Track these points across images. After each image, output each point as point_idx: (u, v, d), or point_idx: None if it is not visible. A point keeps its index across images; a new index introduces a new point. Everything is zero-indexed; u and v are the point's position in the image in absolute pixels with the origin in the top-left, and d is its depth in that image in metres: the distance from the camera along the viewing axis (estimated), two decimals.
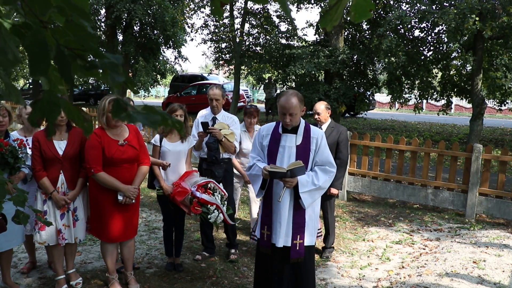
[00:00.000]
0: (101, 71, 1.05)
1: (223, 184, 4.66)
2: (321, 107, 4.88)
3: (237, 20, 19.82)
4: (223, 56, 20.40)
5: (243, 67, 19.21)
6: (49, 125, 1.10)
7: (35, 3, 0.97)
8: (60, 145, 3.75)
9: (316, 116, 4.85)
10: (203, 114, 6.43)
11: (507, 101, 14.36)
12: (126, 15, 17.03)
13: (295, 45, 15.97)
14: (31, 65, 0.96)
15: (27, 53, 0.96)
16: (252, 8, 19.20)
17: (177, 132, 4.34)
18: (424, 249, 5.17)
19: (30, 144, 3.81)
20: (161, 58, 21.13)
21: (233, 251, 4.84)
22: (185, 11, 20.80)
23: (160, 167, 4.26)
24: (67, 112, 1.07)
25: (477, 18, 10.21)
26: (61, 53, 0.97)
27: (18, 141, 3.74)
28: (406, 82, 13.91)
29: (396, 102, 14.57)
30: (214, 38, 20.34)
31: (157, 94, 41.13)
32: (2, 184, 1.55)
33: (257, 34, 19.76)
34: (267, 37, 18.67)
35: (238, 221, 4.77)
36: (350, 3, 1.04)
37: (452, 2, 11.57)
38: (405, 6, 13.43)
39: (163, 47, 20.22)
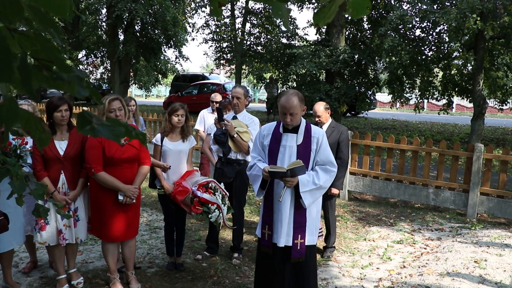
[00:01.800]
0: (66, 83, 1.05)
1: (234, 187, 4.62)
2: (320, 108, 4.84)
3: (238, 20, 19.85)
4: (224, 55, 20.40)
5: (244, 67, 19.21)
6: (5, 132, 1.09)
7: (7, 9, 0.96)
8: (61, 145, 3.75)
9: (317, 119, 4.84)
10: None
11: (508, 100, 14.34)
12: (127, 14, 17.03)
13: (296, 45, 15.96)
14: None
15: None
16: (253, 8, 19.20)
17: (179, 132, 4.33)
18: (425, 248, 5.17)
19: (30, 144, 3.81)
20: (162, 57, 21.13)
21: (236, 255, 4.80)
22: (186, 10, 20.81)
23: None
24: (24, 122, 1.06)
25: (478, 18, 10.19)
26: (24, 63, 0.97)
27: (19, 140, 3.74)
28: (407, 81, 13.90)
29: (397, 102, 14.56)
30: (215, 37, 20.36)
31: (158, 94, 41.17)
32: (21, 178, 1.57)
33: (258, 34, 19.77)
34: (268, 36, 18.68)
35: (235, 227, 4.74)
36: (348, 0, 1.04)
37: (453, 2, 11.56)
38: (406, 6, 13.41)
39: (164, 46, 20.22)
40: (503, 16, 10.02)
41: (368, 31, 15.70)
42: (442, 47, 13.21)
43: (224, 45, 20.44)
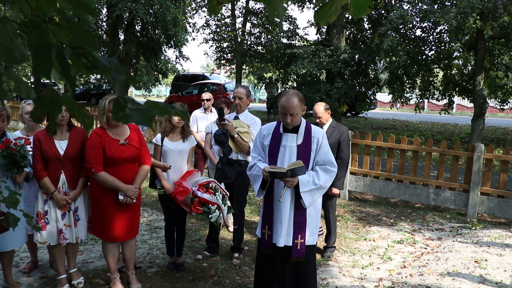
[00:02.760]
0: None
1: (235, 187, 4.62)
2: (320, 109, 4.83)
3: (239, 20, 19.83)
4: (225, 55, 20.40)
5: (244, 67, 19.20)
6: (50, 122, 1.11)
7: (40, 2, 0.98)
8: (61, 145, 3.75)
9: (318, 120, 4.83)
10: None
11: (509, 100, 14.34)
12: (127, 14, 17.03)
13: (296, 45, 15.95)
14: (35, 65, 0.98)
15: (31, 53, 0.97)
16: (254, 8, 19.20)
17: (179, 132, 4.33)
18: (425, 248, 5.17)
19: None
20: (162, 57, 21.13)
21: (236, 255, 4.79)
22: (186, 10, 20.80)
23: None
24: (69, 108, 1.08)
25: (477, 17, 10.18)
26: (61, 54, 0.98)
27: (23, 140, 3.75)
28: (407, 81, 13.90)
29: (398, 102, 14.56)
30: (215, 37, 20.35)
31: (159, 94, 41.18)
32: None
33: (258, 34, 19.75)
34: (269, 36, 18.67)
35: (236, 226, 4.74)
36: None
37: (454, 2, 11.55)
38: (406, 6, 13.41)
39: (165, 46, 20.21)
40: (502, 16, 10.02)
41: (369, 31, 15.69)
42: (442, 47, 13.20)
43: (225, 45, 20.43)
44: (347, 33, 15.39)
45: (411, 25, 12.17)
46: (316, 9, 1.06)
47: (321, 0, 1.05)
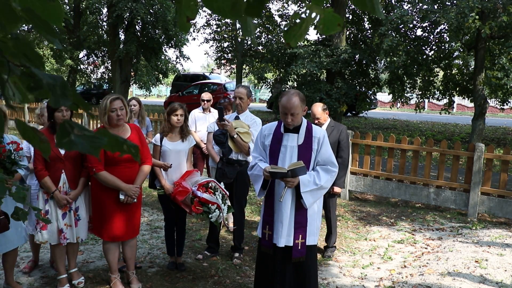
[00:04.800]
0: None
1: (235, 187, 4.62)
2: (318, 110, 4.82)
3: None
4: (225, 55, 20.40)
5: (244, 66, 19.21)
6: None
7: (2, 19, 0.93)
8: None
9: (316, 121, 4.83)
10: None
11: (509, 100, 14.33)
12: (128, 14, 17.05)
13: (297, 44, 15.93)
14: None
15: None
16: None
17: (178, 132, 4.33)
18: (426, 248, 5.17)
19: (26, 147, 3.79)
20: (162, 57, 21.13)
21: (237, 255, 4.78)
22: None
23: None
24: (22, 133, 1.02)
25: (477, 17, 10.17)
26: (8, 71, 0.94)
27: (15, 145, 3.70)
28: (407, 81, 13.89)
29: (398, 102, 14.57)
30: (216, 37, 20.35)
31: (159, 94, 41.20)
32: (2, 181, 1.55)
33: (259, 33, 19.75)
34: (269, 36, 18.66)
35: (235, 227, 4.74)
36: (318, 17, 1.04)
37: (454, 1, 11.54)
38: (407, 6, 13.40)
39: (165, 46, 20.22)
40: (501, 15, 10.01)
41: (369, 31, 15.69)
42: (443, 47, 13.20)
43: (225, 44, 20.44)
44: (348, 33, 15.39)
45: (411, 25, 12.16)
46: (285, 29, 1.06)
47: (292, 19, 1.05)
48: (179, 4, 1.04)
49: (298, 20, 1.04)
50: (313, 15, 1.02)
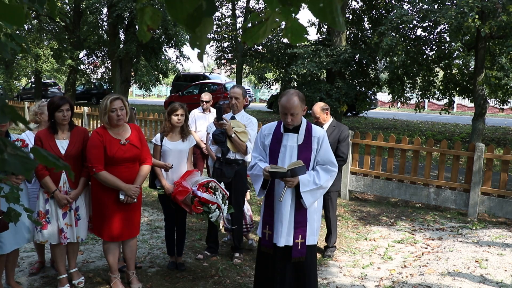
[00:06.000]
0: None
1: (233, 187, 4.62)
2: (317, 110, 4.82)
3: (239, 19, 19.82)
4: (225, 55, 20.41)
5: (245, 66, 19.21)
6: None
7: None
8: (63, 144, 3.75)
9: (315, 120, 4.83)
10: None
11: (509, 100, 14.34)
12: (128, 13, 17.05)
13: (297, 44, 15.95)
14: None
15: None
16: (254, 7, 19.19)
17: (178, 131, 4.33)
18: (426, 248, 5.17)
19: (31, 145, 3.80)
20: (162, 57, 21.13)
21: (237, 255, 4.79)
22: None
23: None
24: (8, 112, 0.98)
25: (476, 16, 10.17)
26: None
27: (20, 142, 3.74)
28: (408, 81, 13.89)
29: (398, 101, 14.57)
30: (216, 37, 20.36)
31: (159, 94, 41.19)
32: None
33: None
34: (269, 36, 18.66)
35: (235, 226, 4.74)
36: (283, 24, 1.04)
37: (454, 1, 11.54)
38: (406, 5, 13.41)
39: (165, 46, 20.22)
40: (501, 15, 10.01)
41: (369, 31, 15.69)
42: (443, 47, 13.20)
43: (225, 44, 20.45)
44: (348, 32, 15.39)
45: (411, 25, 12.16)
46: (244, 29, 1.06)
47: (249, 20, 1.04)
48: (141, 12, 1.03)
49: (256, 22, 1.04)
50: (277, 20, 1.02)
